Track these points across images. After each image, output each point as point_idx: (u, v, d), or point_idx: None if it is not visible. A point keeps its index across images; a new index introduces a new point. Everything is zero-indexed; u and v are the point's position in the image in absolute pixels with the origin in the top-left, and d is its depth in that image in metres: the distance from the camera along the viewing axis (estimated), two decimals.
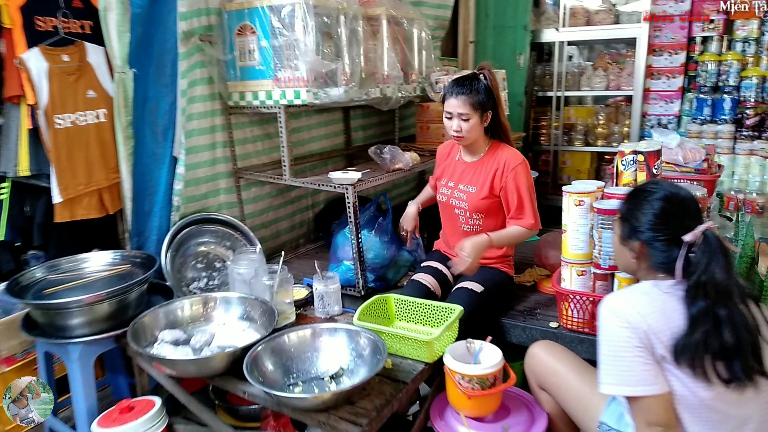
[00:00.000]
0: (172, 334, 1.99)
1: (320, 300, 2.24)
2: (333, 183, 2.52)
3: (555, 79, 4.35)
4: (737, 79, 3.82)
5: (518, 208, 2.28)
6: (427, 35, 3.19)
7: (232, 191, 2.86)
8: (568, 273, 2.17)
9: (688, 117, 4.08)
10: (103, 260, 2.31)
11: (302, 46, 2.36)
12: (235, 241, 2.81)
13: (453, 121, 2.24)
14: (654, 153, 2.29)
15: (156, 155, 2.52)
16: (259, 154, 2.99)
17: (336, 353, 1.83)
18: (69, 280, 2.20)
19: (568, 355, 1.83)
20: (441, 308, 2.04)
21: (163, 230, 2.57)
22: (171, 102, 2.49)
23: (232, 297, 2.10)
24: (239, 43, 2.56)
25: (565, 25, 4.26)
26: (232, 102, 2.69)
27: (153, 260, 2.27)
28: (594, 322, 2.15)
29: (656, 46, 4.07)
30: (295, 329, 1.87)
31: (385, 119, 3.89)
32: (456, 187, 2.38)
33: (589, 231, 2.11)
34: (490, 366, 1.78)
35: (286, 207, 3.21)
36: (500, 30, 4.25)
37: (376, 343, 1.74)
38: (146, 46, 2.43)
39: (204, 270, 2.69)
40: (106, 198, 2.48)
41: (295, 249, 3.25)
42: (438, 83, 3.24)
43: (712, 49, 3.91)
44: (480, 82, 2.22)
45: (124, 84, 2.44)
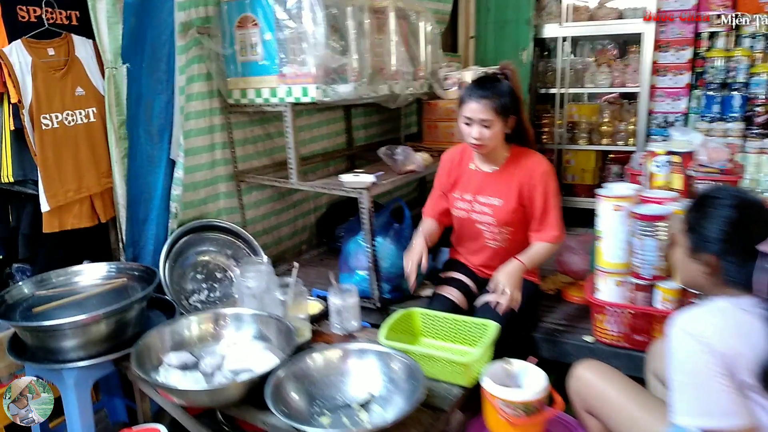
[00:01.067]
0: (179, 357, 1.79)
1: (337, 315, 2.06)
2: (345, 187, 2.34)
3: (558, 75, 4.22)
4: (747, 76, 3.72)
5: (542, 219, 2.12)
6: (433, 29, 3.03)
7: (232, 196, 2.67)
8: (605, 283, 2.03)
9: (696, 114, 3.97)
10: (97, 273, 2.11)
11: (311, 39, 2.17)
12: (237, 249, 2.62)
13: (473, 128, 2.04)
14: (689, 154, 2.17)
15: (151, 158, 2.32)
16: (260, 155, 2.80)
17: (365, 378, 1.65)
18: (60, 296, 2.00)
19: (619, 377, 1.68)
20: (473, 324, 1.87)
21: (160, 239, 2.37)
22: (167, 100, 2.30)
23: (244, 314, 1.91)
24: (240, 37, 2.37)
25: (568, 20, 4.13)
26: (233, 100, 2.49)
27: (152, 273, 2.07)
28: (634, 335, 2.02)
29: (662, 42, 3.95)
30: (320, 350, 1.69)
31: (386, 117, 3.72)
32: (475, 200, 2.18)
33: (628, 238, 1.98)
34: (536, 391, 1.62)
35: (287, 211, 3.03)
36: (502, 25, 4.09)
37: (412, 368, 1.57)
38: (139, 39, 2.23)
39: (204, 281, 2.50)
40: (97, 205, 2.27)
41: (297, 256, 3.06)
42: (447, 80, 3.08)
43: (719, 45, 3.82)
44: (503, 84, 2.05)
45: (116, 80, 2.23)
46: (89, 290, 2.05)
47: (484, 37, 4.15)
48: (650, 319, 1.97)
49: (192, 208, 2.48)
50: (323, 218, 3.28)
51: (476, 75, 3.02)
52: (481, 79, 2.09)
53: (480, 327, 1.86)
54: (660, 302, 1.96)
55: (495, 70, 2.15)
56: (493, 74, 2.10)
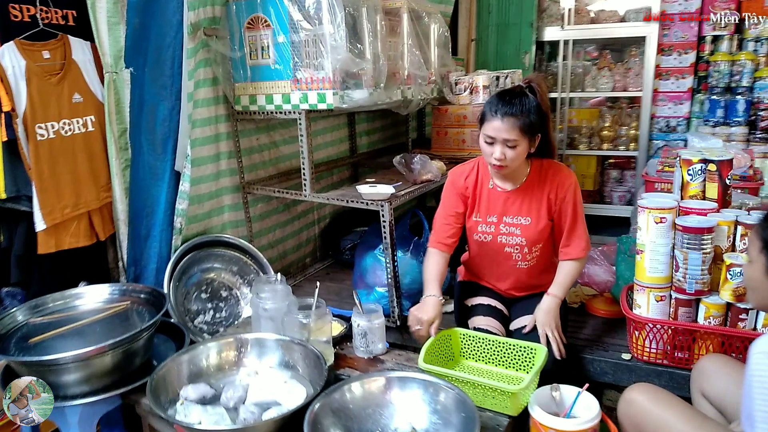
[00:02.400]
0: (197, 390, 1.63)
1: (362, 337, 1.92)
2: (364, 199, 2.21)
3: (560, 79, 4.15)
4: (751, 80, 3.70)
5: (570, 233, 1.99)
6: (444, 31, 2.91)
7: (238, 208, 2.51)
8: (645, 298, 1.93)
9: (698, 119, 3.94)
10: (98, 296, 1.93)
11: (331, 41, 2.03)
12: (243, 266, 2.46)
13: (495, 148, 1.84)
14: (727, 162, 2.08)
15: (154, 170, 2.15)
16: (266, 165, 2.65)
17: (407, 410, 1.52)
18: (58, 323, 1.81)
19: (676, 402, 1.57)
20: (520, 348, 1.75)
21: (163, 257, 2.20)
22: (171, 107, 2.13)
23: (267, 339, 1.76)
24: (250, 39, 2.22)
25: (570, 23, 4.06)
26: (240, 107, 2.34)
27: (160, 296, 1.90)
28: (676, 353, 1.93)
29: (665, 45, 3.92)
30: (358, 381, 1.54)
31: (388, 124, 3.59)
32: (501, 221, 2.01)
33: (671, 252, 1.88)
34: (589, 420, 1.51)
35: (292, 223, 2.87)
36: (503, 28, 4.01)
37: (461, 400, 1.44)
38: (141, 41, 2.06)
39: (209, 301, 2.34)
40: (96, 222, 2.09)
41: (302, 270, 2.91)
42: (458, 84, 2.97)
43: (723, 49, 3.79)
44: (529, 99, 1.85)
45: (116, 86, 2.06)
46: (90, 316, 1.86)
47: (485, 40, 4.06)
48: (692, 335, 1.88)
49: (196, 222, 2.32)
50: (327, 230, 3.13)
51: (488, 80, 2.93)
52: (505, 93, 1.89)
53: (527, 351, 1.74)
54: (703, 318, 1.86)
55: (520, 83, 1.95)
56: (518, 88, 1.90)
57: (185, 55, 2.00)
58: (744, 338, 1.81)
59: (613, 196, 4.40)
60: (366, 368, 1.87)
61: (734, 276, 1.78)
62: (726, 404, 1.61)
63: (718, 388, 1.65)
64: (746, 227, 1.83)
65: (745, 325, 1.81)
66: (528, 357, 1.74)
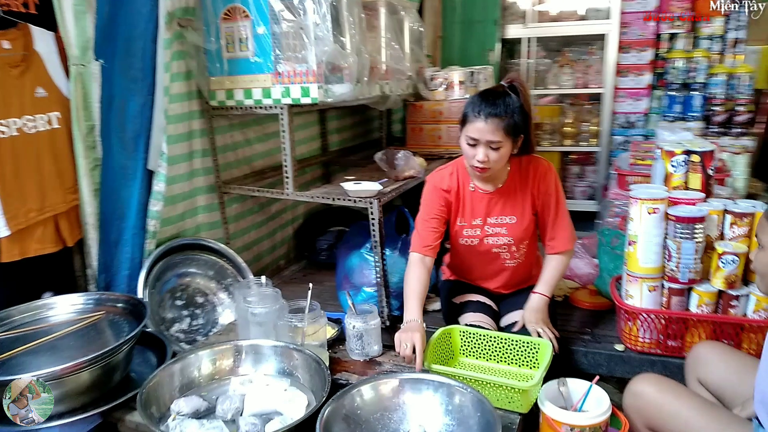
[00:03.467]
0: (190, 403, 1.52)
1: (358, 339, 1.85)
2: (351, 196, 2.13)
3: (524, 76, 4.19)
4: (706, 77, 3.83)
5: (554, 224, 1.97)
6: (419, 26, 2.87)
7: (212, 209, 2.38)
8: (638, 289, 1.94)
9: (657, 114, 4.06)
10: (70, 307, 1.78)
11: (318, 33, 1.95)
12: (220, 270, 2.34)
13: (478, 150, 1.77)
14: (709, 153, 2.12)
15: (125, 169, 2.00)
16: (240, 163, 2.53)
17: (420, 413, 1.46)
18: (29, 338, 1.65)
19: (684, 391, 1.57)
20: (522, 343, 1.72)
21: (135, 263, 2.06)
22: (142, 102, 1.99)
23: (263, 345, 1.66)
24: (226, 30, 2.10)
25: (533, 20, 4.10)
26: (216, 102, 2.22)
27: (138, 304, 1.77)
28: (669, 342, 1.94)
29: (624, 43, 4.01)
30: (367, 384, 1.47)
31: (358, 121, 3.53)
32: (486, 223, 1.97)
33: (663, 242, 1.89)
34: (602, 413, 1.49)
35: (267, 224, 2.76)
36: (468, 25, 4.00)
37: (479, 400, 1.39)
38: (109, 31, 1.91)
39: (184, 308, 2.22)
40: (63, 226, 1.93)
41: (277, 272, 2.80)
42: (433, 80, 2.93)
43: (679, 47, 3.91)
44: (513, 100, 1.78)
45: (83, 79, 1.91)
46: (63, 328, 1.71)
47: (450, 37, 4.04)
48: (685, 324, 1.90)
49: (170, 225, 2.19)
50: (301, 230, 3.03)
51: (464, 75, 2.91)
52: (488, 93, 1.80)
53: (530, 346, 1.71)
54: (696, 306, 1.89)
55: (503, 82, 1.88)
56: (500, 88, 1.84)
57: (161, 47, 1.87)
58: (736, 325, 1.84)
59: (575, 192, 4.48)
60: (364, 371, 1.79)
61: (726, 264, 1.81)
62: (724, 391, 1.62)
63: (716, 376, 1.66)
64: (735, 216, 1.86)
65: (736, 311, 1.85)
66: (529, 352, 1.71)
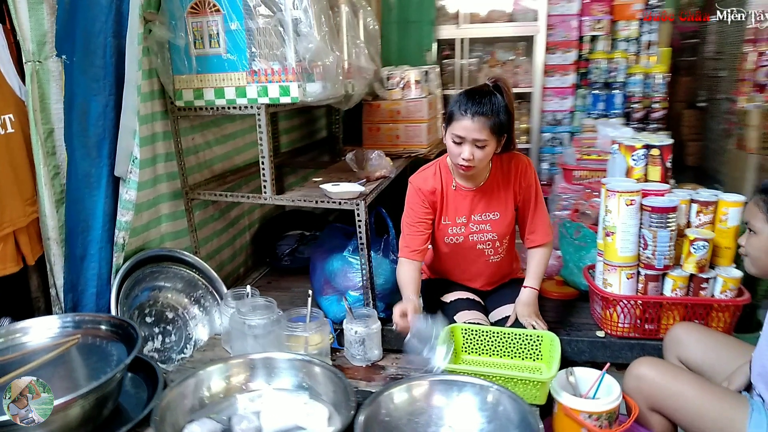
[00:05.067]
0: (204, 428, 1.41)
1: (360, 345, 1.80)
2: (335, 198, 2.07)
3: (457, 76, 4.29)
4: (625, 76, 4.13)
5: (533, 218, 2.04)
6: (375, 25, 2.84)
7: (177, 217, 2.22)
8: (617, 277, 2.04)
9: (582, 112, 4.31)
10: (46, 331, 1.58)
11: (302, 29, 1.87)
12: (190, 282, 2.20)
13: (464, 148, 1.80)
14: (668, 147, 2.28)
15: (88, 177, 1.82)
16: (201, 168, 2.38)
17: (453, 416, 1.44)
18: (3, 369, 1.45)
19: (682, 371, 1.67)
20: (526, 337, 1.75)
21: (103, 279, 1.89)
22: (104, 103, 1.82)
23: (277, 359, 1.56)
24: (194, 25, 1.97)
25: (465, 21, 4.21)
26: (183, 102, 2.07)
27: (127, 326, 1.60)
28: (646, 325, 2.07)
29: (550, 45, 4.22)
30: (398, 388, 1.43)
31: (305, 121, 3.44)
32: (470, 220, 2.00)
33: (638, 231, 2.01)
34: (615, 398, 1.56)
35: (227, 231, 2.62)
36: (405, 25, 4.03)
37: (518, 403, 1.38)
38: (69, 26, 1.73)
39: (155, 325, 2.06)
40: (23, 242, 1.72)
41: (239, 281, 2.67)
42: (390, 79, 2.92)
43: (600, 48, 4.18)
44: (498, 99, 1.81)
45: (39, 78, 1.71)
46: (41, 355, 1.52)
47: (388, 37, 4.04)
48: (660, 307, 2.03)
49: (135, 236, 2.01)
50: (258, 236, 2.91)
51: (420, 74, 2.92)
52: (474, 92, 1.82)
53: (535, 339, 1.75)
54: (670, 290, 2.02)
55: (487, 82, 1.89)
56: (485, 87, 1.86)
57: (134, 42, 1.71)
58: (706, 305, 2.00)
59: None
60: (370, 377, 1.75)
61: (697, 249, 1.95)
62: (705, 368, 1.73)
63: (695, 354, 1.77)
64: (701, 204, 2.01)
65: (706, 293, 2.00)
66: (532, 345, 1.75)
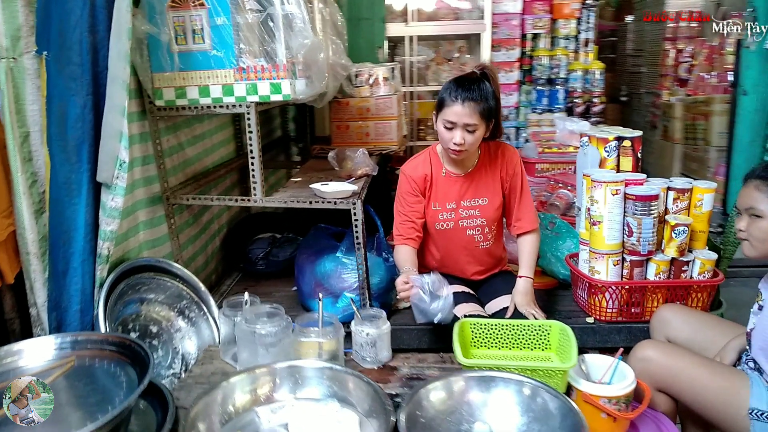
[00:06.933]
0: None
1: (372, 347, 1.76)
2: (329, 198, 2.02)
3: (407, 73, 4.30)
4: (567, 72, 4.31)
5: (519, 206, 2.11)
6: (342, 21, 2.80)
7: (155, 224, 2.09)
8: (604, 265, 2.13)
9: (527, 107, 4.46)
10: (42, 353, 1.42)
11: (297, 24, 1.81)
12: (173, 293, 2.06)
13: (455, 133, 1.88)
14: (638, 138, 2.40)
15: (69, 183, 1.66)
16: (176, 171, 2.24)
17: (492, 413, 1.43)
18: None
19: (683, 352, 1.75)
20: (535, 328, 1.78)
21: (87, 295, 1.73)
22: (82, 103, 1.67)
23: (304, 367, 1.50)
24: (176, 20, 1.86)
25: (414, 19, 4.23)
26: (163, 101, 1.94)
27: (134, 346, 1.47)
28: (632, 309, 2.16)
29: (494, 42, 4.32)
30: (432, 386, 1.41)
31: (263, 120, 3.32)
32: (459, 206, 2.06)
33: (623, 220, 2.10)
34: (630, 382, 1.61)
35: (200, 237, 2.49)
36: (356, 22, 3.99)
37: (562, 402, 1.39)
38: (45, 20, 1.58)
39: (140, 340, 1.91)
40: (1, 258, 1.55)
41: (216, 288, 2.54)
42: (358, 76, 2.88)
43: (542, 46, 4.34)
44: (487, 86, 1.89)
45: (14, 77, 1.54)
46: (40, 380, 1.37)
47: None
48: (644, 291, 2.14)
49: (116, 246, 1.87)
50: (227, 240, 2.79)
51: (388, 72, 2.90)
52: (463, 79, 1.89)
53: (544, 329, 1.78)
54: (654, 274, 2.13)
55: (475, 69, 1.95)
56: (473, 74, 1.93)
57: (122, 37, 1.58)
58: (687, 287, 2.12)
59: None
60: (385, 378, 1.72)
61: (678, 234, 2.07)
62: (693, 345, 1.83)
63: (684, 333, 1.88)
64: (678, 191, 2.13)
65: (686, 275, 2.12)
66: (541, 335, 1.78)
